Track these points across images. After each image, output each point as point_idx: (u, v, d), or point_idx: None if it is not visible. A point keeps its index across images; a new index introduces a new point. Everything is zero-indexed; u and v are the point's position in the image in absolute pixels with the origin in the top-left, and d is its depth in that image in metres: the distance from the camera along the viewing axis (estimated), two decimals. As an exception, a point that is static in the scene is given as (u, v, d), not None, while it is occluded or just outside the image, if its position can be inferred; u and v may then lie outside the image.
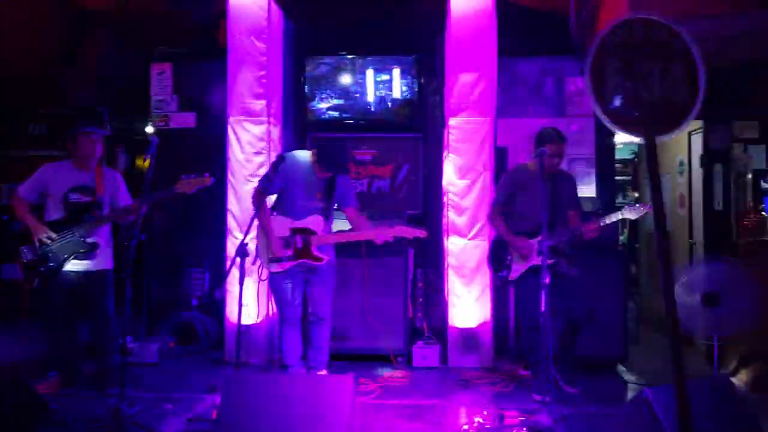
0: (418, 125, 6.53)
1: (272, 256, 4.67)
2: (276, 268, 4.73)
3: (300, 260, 4.71)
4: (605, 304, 5.40)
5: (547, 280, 3.88)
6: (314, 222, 4.71)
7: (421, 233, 4.56)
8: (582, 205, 5.01)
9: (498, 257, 4.90)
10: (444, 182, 5.86)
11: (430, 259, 6.23)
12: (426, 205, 6.51)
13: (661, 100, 2.88)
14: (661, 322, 5.75)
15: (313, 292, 4.87)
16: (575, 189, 4.98)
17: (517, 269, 4.77)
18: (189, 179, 4.44)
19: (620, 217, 4.53)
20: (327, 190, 4.72)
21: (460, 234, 5.77)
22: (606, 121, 2.94)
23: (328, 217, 4.73)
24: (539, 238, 4.46)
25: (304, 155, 4.78)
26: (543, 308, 3.79)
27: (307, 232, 4.65)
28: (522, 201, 4.79)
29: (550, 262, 4.23)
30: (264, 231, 4.68)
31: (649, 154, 2.91)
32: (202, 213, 6.35)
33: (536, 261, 4.54)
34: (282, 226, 4.71)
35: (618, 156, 7.47)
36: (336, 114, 6.56)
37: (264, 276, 4.70)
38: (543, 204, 4.03)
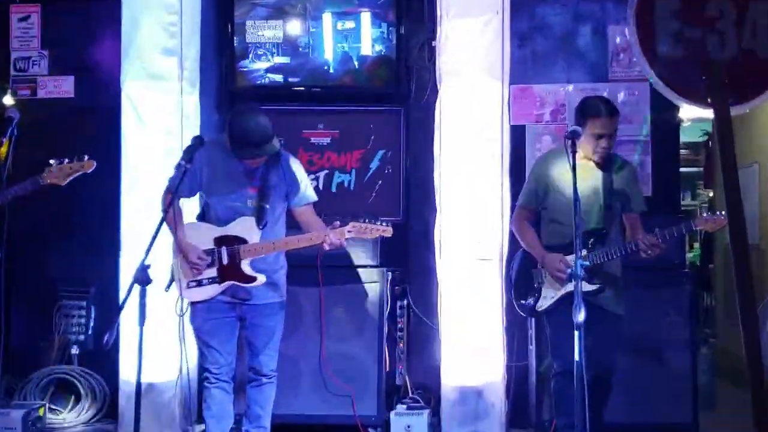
0: (398, 94, 6.67)
1: (189, 278, 4.82)
2: (195, 296, 4.90)
3: (227, 282, 4.86)
4: (666, 350, 5.69)
5: (582, 316, 3.92)
6: (244, 227, 4.86)
7: (384, 230, 4.79)
8: (644, 204, 5.11)
9: (523, 279, 5.07)
10: (436, 176, 6.01)
11: (417, 287, 6.46)
12: (409, 209, 6.68)
13: (738, 54, 3.05)
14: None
15: (251, 336, 5.03)
16: (635, 182, 5.10)
17: (550, 297, 4.92)
18: (61, 165, 4.52)
19: (691, 229, 4.74)
20: (264, 183, 4.89)
21: (460, 250, 5.91)
22: (658, 85, 3.21)
23: (265, 221, 4.88)
24: (581, 252, 4.52)
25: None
26: (577, 356, 3.89)
27: (234, 242, 4.82)
28: (557, 202, 4.93)
29: (589, 288, 4.47)
30: (177, 244, 4.84)
31: (722, 133, 3.14)
32: (86, 219, 6.51)
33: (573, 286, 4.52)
34: (204, 235, 4.88)
35: (684, 138, 7.64)
36: (279, 78, 6.72)
37: (182, 309, 4.86)
38: (575, 205, 4.17)
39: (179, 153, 5.05)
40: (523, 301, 5.03)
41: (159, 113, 6.02)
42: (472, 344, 5.87)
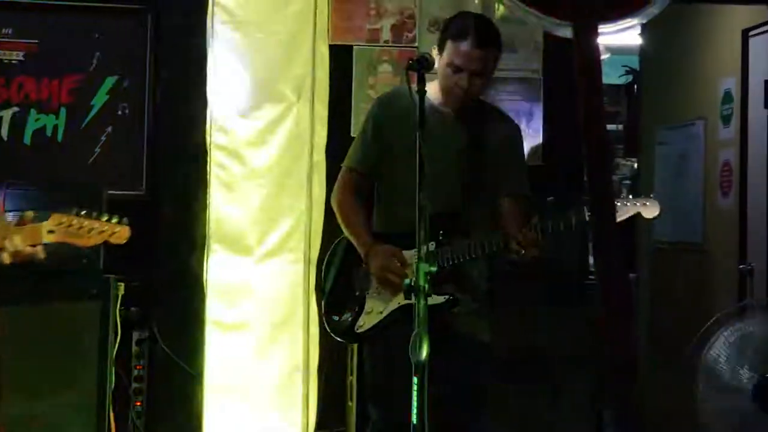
0: None
1: None
2: None
3: None
4: (563, 396, 5.46)
5: (426, 352, 3.34)
6: None
7: (114, 232, 3.88)
8: (527, 185, 4.55)
9: (340, 284, 4.59)
10: (207, 125, 5.42)
11: (169, 307, 5.70)
12: (159, 179, 5.88)
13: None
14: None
15: None
16: (515, 150, 4.63)
17: (377, 311, 4.41)
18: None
19: (585, 217, 4.08)
20: None
21: (239, 247, 5.42)
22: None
23: None
24: (429, 245, 3.97)
25: None
26: (414, 414, 3.33)
27: None
28: (396, 170, 4.45)
29: (436, 301, 3.94)
30: None
31: (586, 66, 2.56)
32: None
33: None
34: None
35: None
36: None
37: None
38: (419, 176, 3.60)
39: None
40: (336, 318, 4.51)
41: None
42: (257, 401, 5.32)
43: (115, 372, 5.19)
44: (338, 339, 4.65)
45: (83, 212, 3.72)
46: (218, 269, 5.32)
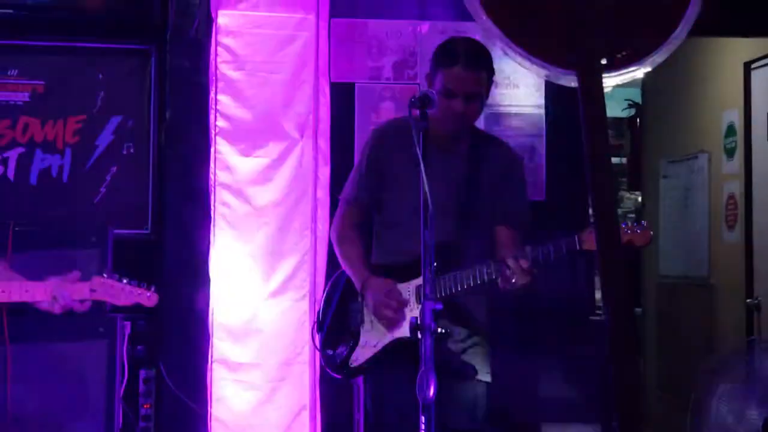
0: (148, 24, 5.75)
1: None
2: None
3: None
4: None
5: (432, 388, 3.27)
6: None
7: (143, 296, 4.21)
8: (527, 213, 4.49)
9: (336, 317, 4.53)
10: (211, 163, 5.43)
11: (176, 345, 5.61)
12: (164, 217, 5.78)
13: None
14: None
15: None
16: (515, 178, 4.54)
17: (371, 345, 4.36)
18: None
19: (576, 247, 4.06)
20: None
21: (245, 285, 5.37)
22: (500, 42, 3.16)
23: None
24: (420, 279, 3.95)
25: None
26: None
27: None
28: (393, 200, 4.44)
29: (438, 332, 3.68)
30: None
31: (589, 113, 3.04)
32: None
33: (408, 332, 3.96)
34: None
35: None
36: None
37: None
38: (423, 209, 3.61)
39: None
40: (330, 352, 4.48)
41: None
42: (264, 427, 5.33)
43: (123, 410, 5.14)
44: (330, 372, 4.60)
45: (123, 279, 4.15)
46: (224, 307, 5.32)
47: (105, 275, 4.24)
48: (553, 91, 5.89)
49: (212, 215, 5.36)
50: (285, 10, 5.38)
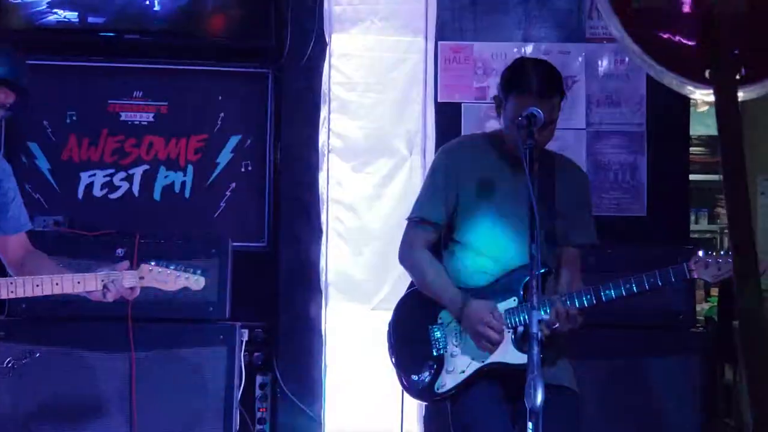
0: (265, 49, 5.94)
1: None
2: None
3: None
4: None
5: (540, 395, 3.39)
6: None
7: (190, 283, 4.25)
8: (593, 232, 4.51)
9: (410, 342, 4.42)
10: (322, 179, 5.63)
11: (291, 352, 5.79)
12: (279, 230, 5.96)
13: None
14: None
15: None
16: (582, 198, 4.55)
17: (460, 371, 4.28)
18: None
19: (657, 283, 4.03)
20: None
21: (356, 295, 5.53)
22: (631, 52, 3.02)
23: None
24: (510, 301, 4.23)
25: None
26: None
27: None
28: (474, 222, 4.40)
29: (520, 360, 3.99)
30: None
31: (725, 124, 2.79)
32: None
33: (502, 354, 4.22)
34: None
35: (698, 129, 7.36)
36: (73, 16, 5.80)
37: None
38: (531, 225, 3.71)
39: None
40: (414, 377, 4.39)
41: None
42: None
43: (240, 414, 5.32)
44: (412, 397, 4.58)
45: (168, 265, 4.23)
46: (336, 316, 5.48)
47: (153, 263, 4.34)
48: (654, 109, 5.92)
49: (325, 229, 5.55)
50: (395, 33, 5.53)
